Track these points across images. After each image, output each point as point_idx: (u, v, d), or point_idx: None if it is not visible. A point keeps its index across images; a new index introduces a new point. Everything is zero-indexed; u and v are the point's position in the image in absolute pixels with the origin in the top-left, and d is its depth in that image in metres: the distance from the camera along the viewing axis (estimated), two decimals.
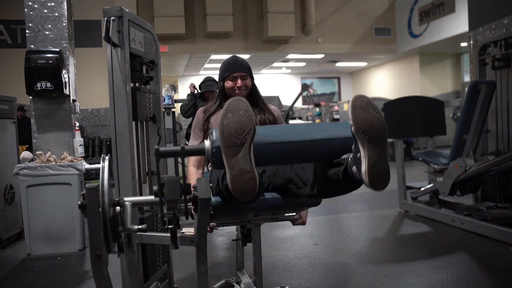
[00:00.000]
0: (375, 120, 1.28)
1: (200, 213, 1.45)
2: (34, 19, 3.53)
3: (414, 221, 4.00)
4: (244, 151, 1.27)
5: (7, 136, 3.81)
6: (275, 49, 11.87)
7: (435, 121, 4.25)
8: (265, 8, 11.14)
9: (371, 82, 16.31)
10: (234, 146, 1.27)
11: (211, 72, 13.77)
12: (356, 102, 1.31)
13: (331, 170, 1.45)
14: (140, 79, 2.08)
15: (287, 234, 3.67)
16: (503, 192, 3.77)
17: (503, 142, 3.78)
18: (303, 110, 13.61)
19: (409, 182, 4.61)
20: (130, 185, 1.85)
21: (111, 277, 1.35)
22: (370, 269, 2.79)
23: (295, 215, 1.95)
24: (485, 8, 4.04)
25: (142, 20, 2.05)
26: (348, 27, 12.30)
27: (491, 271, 2.67)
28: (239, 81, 2.04)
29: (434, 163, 3.84)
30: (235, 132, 1.27)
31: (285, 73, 16.72)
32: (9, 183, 3.75)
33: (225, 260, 3.10)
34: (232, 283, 2.39)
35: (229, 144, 1.27)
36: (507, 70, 3.70)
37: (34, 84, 3.36)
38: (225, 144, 1.27)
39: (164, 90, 3.84)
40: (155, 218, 2.20)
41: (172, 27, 10.39)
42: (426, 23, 11.41)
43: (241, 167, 1.26)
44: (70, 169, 3.31)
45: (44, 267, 3.06)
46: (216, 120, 2.03)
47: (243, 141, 1.27)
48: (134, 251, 1.84)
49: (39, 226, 3.31)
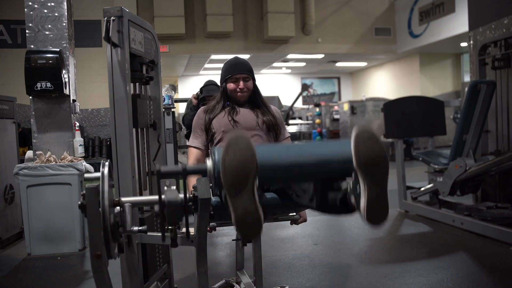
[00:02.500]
0: (377, 156, 1.23)
1: (200, 213, 1.45)
2: (34, 19, 3.53)
3: (414, 221, 4.00)
4: (247, 192, 1.23)
5: (7, 136, 3.81)
6: (275, 49, 11.87)
7: (435, 121, 4.25)
8: (265, 8, 11.13)
9: (371, 82, 16.30)
10: (236, 186, 1.23)
11: (211, 72, 13.79)
12: (359, 136, 1.25)
13: (330, 194, 1.42)
14: (140, 79, 2.07)
15: (287, 234, 3.67)
16: (503, 192, 3.77)
17: (503, 142, 3.78)
18: (303, 110, 13.61)
19: (409, 182, 4.60)
20: (130, 185, 1.85)
21: (111, 277, 1.35)
22: (370, 269, 2.79)
23: (295, 215, 1.95)
24: (485, 8, 4.04)
25: (142, 20, 2.05)
26: (348, 27, 12.30)
27: (491, 271, 2.67)
28: (241, 83, 2.04)
29: (434, 163, 3.84)
30: (237, 173, 1.22)
31: (285, 73, 16.71)
32: (9, 183, 3.75)
33: (225, 260, 3.10)
34: (232, 283, 2.39)
35: (232, 184, 1.22)
36: (507, 70, 3.70)
37: (34, 84, 3.36)
38: (227, 183, 1.23)
39: (164, 90, 3.83)
40: (155, 218, 2.20)
41: (172, 27, 10.38)
42: (426, 23, 11.41)
43: (245, 208, 1.22)
44: (70, 169, 3.31)
45: (44, 267, 3.06)
46: (218, 122, 2.03)
47: (246, 182, 1.23)
48: (134, 251, 1.84)
49: (39, 226, 3.31)
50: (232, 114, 2.02)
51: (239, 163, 1.22)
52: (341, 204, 1.37)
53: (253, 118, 2.04)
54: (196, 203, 1.37)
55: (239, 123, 2.00)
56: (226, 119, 2.01)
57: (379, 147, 1.24)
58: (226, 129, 2.00)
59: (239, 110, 2.05)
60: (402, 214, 4.27)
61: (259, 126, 2.03)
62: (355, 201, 1.29)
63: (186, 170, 1.29)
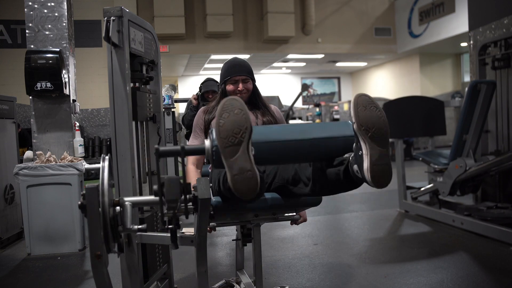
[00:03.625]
0: (377, 118, 1.29)
1: (200, 213, 1.45)
2: (34, 19, 3.53)
3: (414, 221, 4.00)
4: (243, 150, 1.27)
5: (7, 136, 3.81)
6: (275, 49, 11.87)
7: (435, 121, 4.25)
8: (265, 8, 11.13)
9: (371, 82, 16.31)
10: (231, 146, 1.27)
11: (211, 72, 13.78)
12: (358, 100, 1.32)
13: (331, 169, 1.45)
14: (140, 79, 2.08)
15: (287, 234, 3.67)
16: (503, 192, 3.77)
17: (503, 142, 3.78)
18: (303, 110, 13.60)
19: (409, 182, 4.61)
20: (130, 185, 1.85)
21: (111, 277, 1.35)
22: (370, 269, 2.79)
23: (295, 215, 1.95)
24: (485, 8, 4.04)
25: (142, 20, 2.05)
26: (348, 27, 12.30)
27: (491, 271, 2.67)
28: (241, 85, 2.04)
29: (434, 163, 3.84)
30: (232, 132, 1.28)
31: (285, 73, 16.71)
32: (9, 183, 3.75)
33: (225, 260, 3.10)
34: (232, 283, 2.39)
35: (227, 145, 1.27)
36: (507, 70, 3.70)
37: (34, 84, 3.36)
38: (222, 145, 1.28)
39: (164, 90, 3.84)
40: (155, 218, 2.20)
41: (172, 27, 10.38)
42: (426, 23, 11.41)
43: (240, 166, 1.26)
44: (70, 169, 3.31)
45: (44, 267, 3.06)
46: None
47: (241, 140, 1.28)
48: (134, 251, 1.84)
49: (39, 226, 3.31)
50: None
51: (233, 122, 1.28)
52: (345, 177, 1.40)
53: (253, 119, 2.04)
54: (196, 203, 1.37)
55: None
56: None
57: (377, 108, 1.31)
58: None
59: None
60: (402, 214, 4.28)
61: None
62: (358, 168, 1.32)
63: (185, 149, 1.31)
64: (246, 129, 1.29)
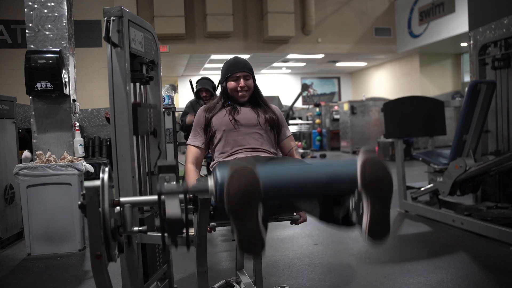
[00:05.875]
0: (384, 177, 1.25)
1: (200, 213, 1.45)
2: (34, 19, 3.53)
3: (414, 221, 4.00)
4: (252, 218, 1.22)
5: (7, 136, 3.81)
6: (275, 49, 11.88)
7: (435, 121, 4.25)
8: (265, 8, 11.14)
9: (371, 82, 16.31)
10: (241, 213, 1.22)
11: (211, 72, 13.78)
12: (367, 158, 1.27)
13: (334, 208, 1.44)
14: (140, 79, 2.08)
15: (287, 234, 3.67)
16: (503, 192, 3.77)
17: (503, 142, 3.78)
18: (303, 110, 13.62)
19: (409, 182, 4.60)
20: (130, 185, 1.85)
21: (111, 277, 1.35)
22: (370, 269, 2.79)
23: (295, 215, 1.95)
24: (485, 8, 4.04)
25: (142, 20, 2.05)
26: (348, 27, 12.31)
27: (491, 271, 2.67)
28: (242, 81, 2.04)
29: (434, 163, 3.84)
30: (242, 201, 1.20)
31: (285, 73, 16.72)
32: (9, 183, 3.75)
33: (225, 260, 3.10)
34: (232, 283, 2.39)
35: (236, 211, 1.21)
36: (507, 70, 3.70)
37: (34, 84, 3.36)
38: (231, 209, 1.21)
39: (164, 90, 3.83)
40: (155, 218, 2.20)
41: (172, 27, 10.39)
42: (426, 23, 11.42)
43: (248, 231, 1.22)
44: (70, 169, 3.31)
45: (44, 267, 3.06)
46: (218, 120, 2.03)
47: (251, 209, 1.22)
48: (134, 251, 1.84)
49: (39, 226, 3.31)
50: (233, 114, 2.02)
51: (243, 192, 1.20)
52: (343, 220, 1.40)
53: (254, 117, 2.04)
54: (196, 203, 1.37)
55: (239, 122, 1.99)
56: (227, 118, 2.01)
57: (385, 169, 1.26)
58: (227, 128, 1.99)
59: (240, 109, 2.05)
60: (402, 214, 4.27)
61: (260, 125, 2.02)
62: (357, 219, 1.31)
63: (188, 191, 1.27)
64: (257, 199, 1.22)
